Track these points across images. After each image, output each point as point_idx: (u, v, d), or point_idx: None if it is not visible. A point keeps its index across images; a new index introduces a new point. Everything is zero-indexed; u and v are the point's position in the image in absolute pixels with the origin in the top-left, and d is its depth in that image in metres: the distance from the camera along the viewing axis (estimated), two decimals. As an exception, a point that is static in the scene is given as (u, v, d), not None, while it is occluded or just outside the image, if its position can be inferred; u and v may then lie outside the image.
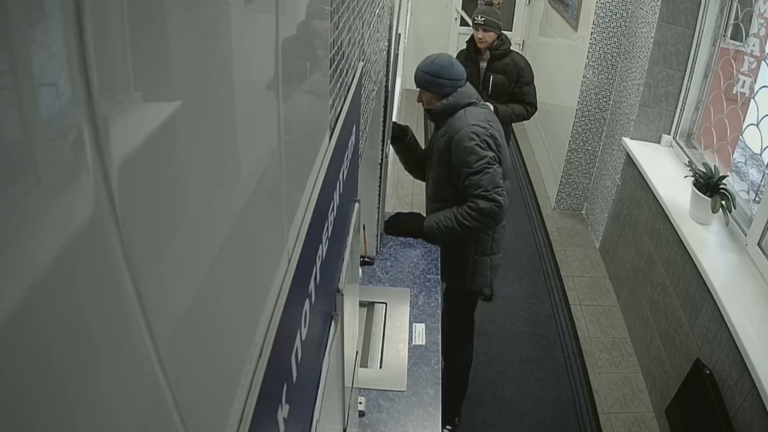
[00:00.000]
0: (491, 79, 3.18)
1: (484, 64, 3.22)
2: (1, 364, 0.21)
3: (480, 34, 3.13)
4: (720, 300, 2.13)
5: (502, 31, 3.20)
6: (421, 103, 2.20)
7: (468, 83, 2.14)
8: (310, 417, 0.77)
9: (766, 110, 2.40)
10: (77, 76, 0.24)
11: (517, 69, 3.15)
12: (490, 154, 1.99)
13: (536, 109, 3.26)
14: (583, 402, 2.71)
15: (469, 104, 2.08)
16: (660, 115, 3.25)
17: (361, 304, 1.94)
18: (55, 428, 0.24)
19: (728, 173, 2.57)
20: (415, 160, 2.42)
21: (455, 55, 2.90)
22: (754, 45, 2.62)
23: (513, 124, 3.50)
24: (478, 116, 2.05)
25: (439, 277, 2.13)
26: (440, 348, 1.84)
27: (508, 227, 2.29)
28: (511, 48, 3.23)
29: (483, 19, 3.09)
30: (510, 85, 3.17)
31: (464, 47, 3.32)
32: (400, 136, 2.38)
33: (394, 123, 2.41)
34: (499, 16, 3.17)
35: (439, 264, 2.19)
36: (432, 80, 2.07)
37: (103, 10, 0.25)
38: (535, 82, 3.24)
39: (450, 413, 2.42)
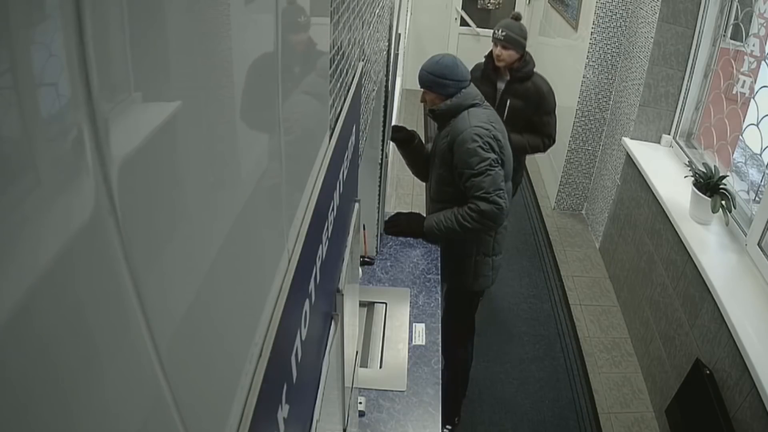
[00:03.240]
0: (508, 103, 2.83)
1: (501, 86, 2.86)
2: (2, 364, 0.21)
3: (498, 51, 2.76)
4: (720, 300, 2.13)
5: (527, 51, 2.83)
6: (424, 103, 2.19)
7: (472, 84, 2.13)
8: (310, 417, 0.77)
9: (766, 110, 2.40)
10: (77, 76, 0.24)
11: (538, 95, 2.80)
12: (493, 156, 1.99)
13: (554, 142, 2.94)
14: (583, 402, 2.71)
15: (473, 105, 2.07)
16: (660, 115, 3.25)
17: (361, 304, 1.94)
18: (56, 428, 0.24)
19: (728, 173, 2.57)
20: (421, 164, 2.41)
21: (471, 69, 2.62)
22: (754, 45, 2.62)
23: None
24: (481, 117, 2.04)
25: (439, 277, 2.13)
26: (440, 348, 1.84)
27: (508, 227, 2.29)
28: (535, 70, 2.86)
29: (504, 33, 2.74)
30: (528, 112, 2.83)
31: (482, 60, 2.95)
32: (407, 141, 2.38)
33: (402, 128, 2.39)
34: (524, 33, 2.79)
35: (439, 264, 2.19)
36: (436, 81, 2.06)
37: (103, 10, 0.25)
38: (556, 112, 2.92)
39: (450, 413, 2.42)
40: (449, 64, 2.07)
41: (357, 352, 1.45)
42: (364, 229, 2.01)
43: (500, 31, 2.76)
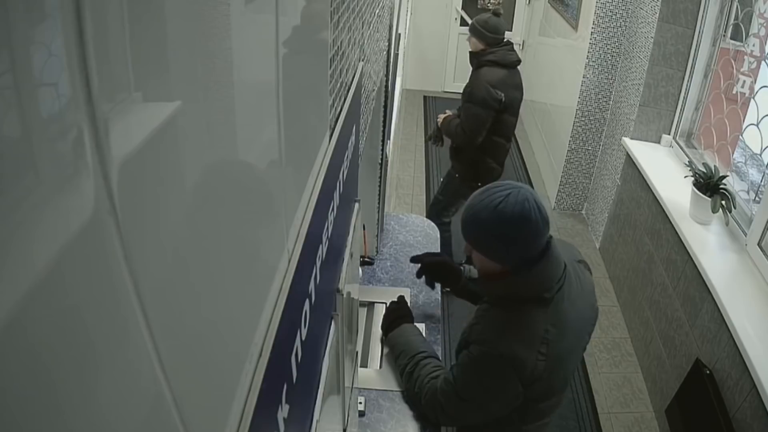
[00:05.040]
0: None
1: None
2: (1, 363, 0.21)
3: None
4: (720, 300, 2.13)
5: (499, 46, 2.81)
6: (468, 255, 1.35)
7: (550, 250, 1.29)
8: (310, 417, 0.77)
9: (766, 110, 2.40)
10: (77, 76, 0.24)
11: (470, 84, 2.80)
12: (499, 399, 1.32)
13: (468, 138, 2.78)
14: (583, 402, 2.71)
15: (541, 300, 1.27)
16: (660, 115, 3.25)
17: (361, 304, 1.94)
18: (56, 428, 0.24)
19: (728, 173, 2.58)
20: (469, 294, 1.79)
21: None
22: (754, 45, 2.62)
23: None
24: (526, 332, 1.26)
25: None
26: (440, 348, 1.84)
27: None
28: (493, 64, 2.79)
29: (470, 24, 2.83)
30: (463, 99, 2.83)
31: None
32: (453, 280, 1.77)
33: (448, 265, 1.78)
34: (488, 26, 2.79)
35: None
36: (493, 243, 1.24)
37: (103, 10, 0.25)
38: (482, 110, 2.73)
39: None
40: (520, 214, 1.18)
41: (357, 352, 1.45)
42: (364, 229, 2.01)
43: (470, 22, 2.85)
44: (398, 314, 1.76)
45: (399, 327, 1.69)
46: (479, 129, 2.77)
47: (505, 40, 2.81)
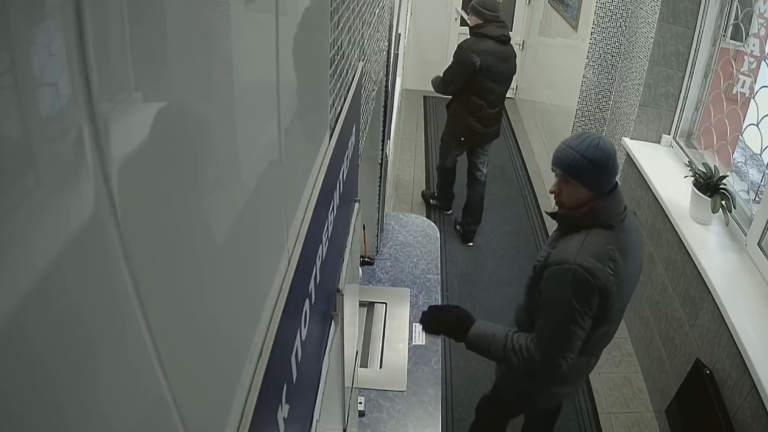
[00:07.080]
0: None
1: None
2: (1, 363, 0.21)
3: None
4: (720, 300, 2.13)
5: (491, 22, 3.38)
6: (552, 195, 1.62)
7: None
8: (310, 417, 0.77)
9: (766, 110, 2.40)
10: (77, 76, 0.24)
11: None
12: (586, 310, 1.49)
13: (441, 89, 3.52)
14: (583, 402, 2.71)
15: (608, 226, 1.53)
16: (660, 115, 3.25)
17: (361, 304, 1.94)
18: (56, 428, 0.24)
19: (728, 173, 2.58)
20: None
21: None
22: (754, 45, 2.62)
23: (513, 126, 3.54)
24: (598, 249, 1.49)
25: (439, 277, 2.13)
26: (440, 348, 1.84)
27: (507, 227, 2.11)
28: (483, 37, 3.35)
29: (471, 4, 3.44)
30: None
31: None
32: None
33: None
34: (485, 4, 3.37)
35: (439, 263, 2.19)
36: (593, 172, 1.50)
37: (103, 10, 0.25)
38: (456, 67, 3.34)
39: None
40: (611, 152, 1.51)
41: (357, 352, 1.45)
42: (364, 229, 2.01)
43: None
44: (457, 315, 1.76)
45: (473, 325, 1.71)
46: (451, 80, 3.42)
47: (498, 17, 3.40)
